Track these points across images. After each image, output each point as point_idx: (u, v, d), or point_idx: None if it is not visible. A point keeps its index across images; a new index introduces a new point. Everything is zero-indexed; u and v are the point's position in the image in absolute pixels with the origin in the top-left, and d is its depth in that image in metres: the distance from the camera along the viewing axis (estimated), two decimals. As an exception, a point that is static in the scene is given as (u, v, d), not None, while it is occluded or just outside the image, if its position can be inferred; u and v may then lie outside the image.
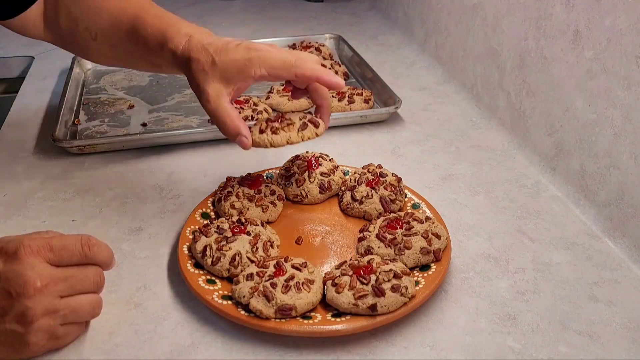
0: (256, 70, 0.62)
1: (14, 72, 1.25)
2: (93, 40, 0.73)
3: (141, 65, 0.74)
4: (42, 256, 0.51)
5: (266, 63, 0.62)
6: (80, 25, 0.73)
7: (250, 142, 0.64)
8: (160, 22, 0.68)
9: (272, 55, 0.63)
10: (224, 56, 0.63)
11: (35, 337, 0.51)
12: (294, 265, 0.60)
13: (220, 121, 0.64)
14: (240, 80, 0.63)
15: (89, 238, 0.54)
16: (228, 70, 0.63)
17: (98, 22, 0.72)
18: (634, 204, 0.68)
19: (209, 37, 0.65)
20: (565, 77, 0.79)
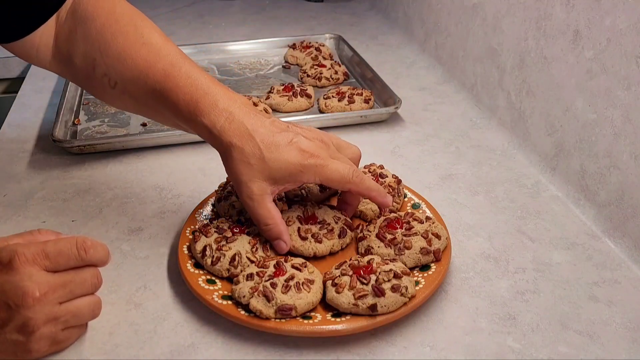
0: (310, 178, 0.60)
1: (14, 72, 1.25)
2: (111, 88, 0.66)
3: (169, 125, 0.69)
4: (38, 264, 0.50)
5: (323, 174, 0.60)
6: (97, 71, 0.65)
7: (288, 248, 0.62)
8: (194, 87, 0.61)
9: (330, 167, 0.60)
10: (275, 154, 0.58)
11: (37, 344, 0.51)
12: (294, 265, 0.60)
13: (262, 222, 0.61)
14: (287, 182, 0.60)
15: (84, 240, 0.53)
16: (278, 171, 0.59)
17: (120, 70, 0.64)
18: (634, 204, 0.68)
19: (251, 118, 0.60)
20: (565, 77, 0.79)
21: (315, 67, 1.10)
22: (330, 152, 0.62)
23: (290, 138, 0.60)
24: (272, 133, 0.59)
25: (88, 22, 0.65)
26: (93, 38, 0.65)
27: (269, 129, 0.60)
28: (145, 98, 0.64)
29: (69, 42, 0.66)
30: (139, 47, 0.64)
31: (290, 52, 1.18)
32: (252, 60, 1.19)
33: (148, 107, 0.66)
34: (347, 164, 0.63)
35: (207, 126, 0.60)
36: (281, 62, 1.19)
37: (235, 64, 1.17)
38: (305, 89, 1.00)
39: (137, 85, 0.64)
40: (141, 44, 0.64)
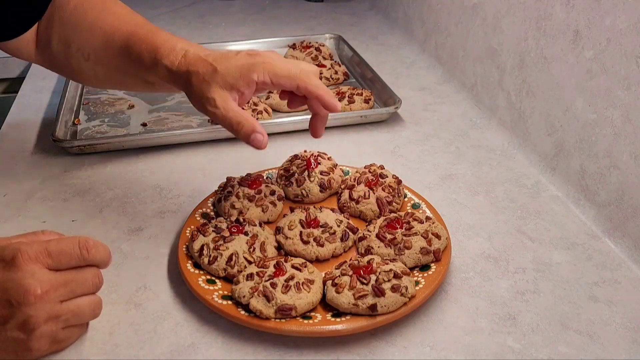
0: (259, 75, 0.61)
1: (14, 72, 1.25)
2: (86, 60, 0.71)
3: (135, 84, 0.73)
4: (40, 262, 0.51)
5: (270, 70, 0.61)
6: (72, 47, 0.71)
7: (266, 139, 0.62)
8: (154, 38, 0.66)
9: (277, 64, 0.62)
10: (226, 63, 0.62)
11: (38, 343, 0.51)
12: (294, 265, 0.60)
13: (234, 123, 0.61)
14: (242, 85, 0.61)
15: (86, 240, 0.53)
16: (230, 75, 0.61)
17: (91, 41, 0.70)
18: (634, 204, 0.68)
19: (205, 50, 0.64)
20: (565, 77, 0.79)
21: None
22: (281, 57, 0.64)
23: (239, 51, 0.63)
24: (225, 53, 0.63)
25: (63, 6, 0.72)
26: (67, 19, 0.72)
27: (221, 52, 0.64)
28: (115, 61, 0.70)
29: (47, 28, 0.73)
30: (105, 15, 0.71)
31: (290, 52, 1.18)
32: (252, 60, 1.19)
33: (117, 71, 0.71)
34: None
35: (167, 66, 0.64)
36: (281, 62, 1.19)
37: (235, 64, 1.17)
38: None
39: (106, 51, 0.70)
40: (108, 13, 0.71)
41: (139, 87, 0.74)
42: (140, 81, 0.70)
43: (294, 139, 0.90)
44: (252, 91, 0.63)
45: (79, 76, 0.76)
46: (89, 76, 0.74)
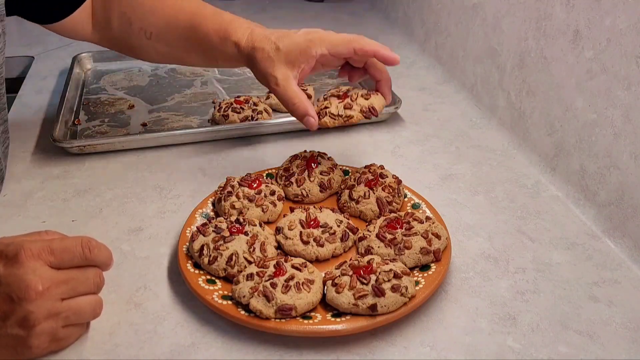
0: (317, 49, 0.68)
1: (14, 72, 1.25)
2: (147, 39, 0.77)
3: (197, 60, 0.79)
4: (42, 259, 0.51)
5: (326, 41, 0.68)
6: (134, 26, 0.77)
7: (317, 122, 0.70)
8: (221, 18, 0.73)
9: (332, 35, 0.69)
10: (287, 41, 0.68)
11: (38, 340, 0.51)
12: (294, 265, 0.60)
13: (290, 102, 0.69)
14: (303, 62, 0.68)
15: (89, 240, 0.54)
16: (291, 52, 0.68)
17: (153, 22, 0.76)
18: (634, 204, 0.68)
19: (267, 29, 0.71)
20: (565, 77, 0.79)
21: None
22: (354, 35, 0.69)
23: (299, 29, 0.70)
24: (285, 31, 0.70)
25: None
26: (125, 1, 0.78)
27: (283, 30, 0.71)
28: (178, 40, 0.76)
29: (104, 9, 0.79)
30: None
31: None
32: (252, 60, 1.19)
33: (181, 48, 0.77)
34: None
35: (236, 42, 0.71)
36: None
37: (235, 64, 1.17)
38: (305, 89, 1.00)
39: (170, 30, 0.76)
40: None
41: (201, 63, 0.79)
42: (207, 57, 0.77)
43: (294, 139, 0.91)
44: (312, 66, 0.70)
45: (139, 53, 0.82)
46: (149, 53, 0.81)
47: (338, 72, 0.75)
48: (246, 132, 0.91)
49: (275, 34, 0.70)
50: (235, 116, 0.92)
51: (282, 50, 0.68)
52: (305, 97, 0.69)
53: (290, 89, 0.69)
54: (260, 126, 0.90)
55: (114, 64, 1.16)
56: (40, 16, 0.78)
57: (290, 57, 0.68)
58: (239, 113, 0.92)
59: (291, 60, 0.68)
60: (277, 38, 0.69)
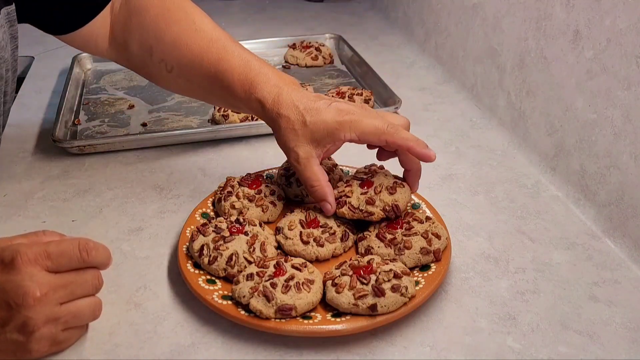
0: (347, 134, 0.63)
1: (14, 72, 1.25)
2: (168, 72, 0.72)
3: (220, 104, 0.76)
4: (39, 264, 0.50)
5: (358, 129, 0.62)
6: (155, 57, 0.71)
7: (334, 210, 0.66)
8: (248, 68, 0.67)
9: (365, 121, 0.63)
10: (315, 117, 0.63)
11: (38, 345, 0.51)
12: (294, 265, 0.60)
13: (309, 184, 0.65)
14: (329, 143, 0.64)
15: (86, 242, 0.53)
16: (318, 131, 0.63)
17: (176, 56, 0.70)
18: (634, 204, 0.68)
19: (298, 92, 0.65)
20: (565, 77, 0.79)
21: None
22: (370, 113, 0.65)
23: (329, 102, 0.64)
24: (314, 101, 0.64)
25: (143, 13, 0.72)
26: (148, 27, 0.71)
27: (312, 99, 0.65)
28: (200, 80, 0.70)
29: (125, 31, 0.73)
30: (191, 33, 0.70)
31: (290, 52, 1.18)
32: (252, 60, 1.19)
33: (202, 89, 0.72)
34: None
35: (261, 100, 0.66)
36: (281, 62, 1.19)
37: (235, 64, 1.17)
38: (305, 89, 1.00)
39: (193, 69, 0.70)
40: (193, 30, 0.70)
41: (223, 105, 0.76)
42: (228, 105, 0.73)
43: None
44: (338, 147, 0.65)
45: (159, 82, 0.76)
46: (169, 84, 0.75)
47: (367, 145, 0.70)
48: (246, 132, 0.91)
49: (304, 103, 0.64)
50: (235, 116, 0.92)
51: (309, 126, 0.63)
52: (325, 179, 0.65)
53: (310, 170, 0.64)
54: (260, 126, 0.90)
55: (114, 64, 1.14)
56: (52, 26, 0.74)
57: (315, 136, 0.63)
58: (238, 113, 0.92)
59: (316, 139, 0.63)
60: (305, 109, 0.63)
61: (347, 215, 0.66)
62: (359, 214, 0.66)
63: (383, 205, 0.65)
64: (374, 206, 0.65)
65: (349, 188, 0.67)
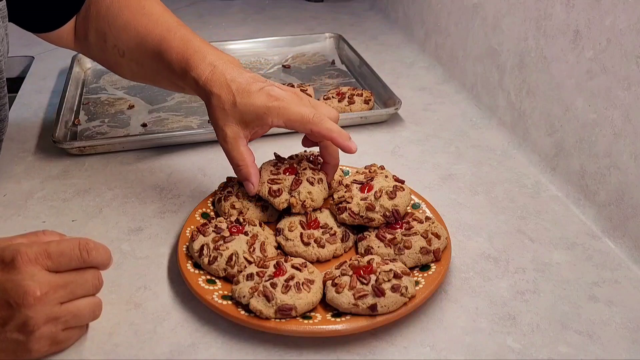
0: (274, 120, 0.64)
1: (14, 72, 1.25)
2: (121, 57, 0.74)
3: (167, 85, 0.75)
4: (40, 264, 0.50)
5: (284, 115, 0.63)
6: (108, 42, 0.74)
7: (255, 190, 0.67)
8: (186, 47, 0.68)
9: (292, 109, 0.63)
10: (245, 99, 0.64)
11: (38, 344, 0.51)
12: (294, 265, 0.60)
13: (234, 163, 0.67)
14: (257, 126, 0.65)
15: (87, 242, 0.53)
16: (247, 114, 0.64)
17: (125, 39, 0.73)
18: (634, 204, 0.68)
19: (232, 71, 0.66)
20: (565, 77, 0.79)
21: None
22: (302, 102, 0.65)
23: (262, 86, 0.64)
24: (248, 83, 0.65)
25: (99, 2, 0.74)
26: (103, 14, 0.74)
27: (247, 80, 0.65)
28: (148, 62, 0.72)
29: (85, 21, 0.76)
30: (139, 17, 0.72)
31: None
32: (252, 59, 1.20)
33: (151, 71, 0.73)
34: None
35: (195, 78, 0.66)
36: (281, 61, 1.19)
37: (235, 64, 1.17)
38: (305, 89, 1.00)
39: (140, 51, 0.72)
40: (142, 14, 0.72)
41: (172, 88, 0.75)
42: (173, 85, 0.73)
43: (293, 139, 0.90)
44: (265, 131, 0.67)
45: (116, 69, 0.79)
46: (125, 71, 0.77)
47: None
48: (246, 132, 0.91)
49: (237, 83, 0.64)
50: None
51: (239, 107, 0.64)
52: (251, 160, 0.66)
53: (236, 150, 0.66)
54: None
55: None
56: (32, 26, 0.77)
57: (244, 118, 0.64)
58: None
59: (245, 121, 0.64)
60: (237, 89, 0.64)
61: (348, 221, 0.66)
62: (360, 220, 0.66)
63: (383, 211, 0.65)
64: (374, 212, 0.65)
65: (349, 193, 0.67)
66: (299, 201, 0.66)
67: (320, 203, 0.68)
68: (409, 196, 0.68)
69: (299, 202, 0.66)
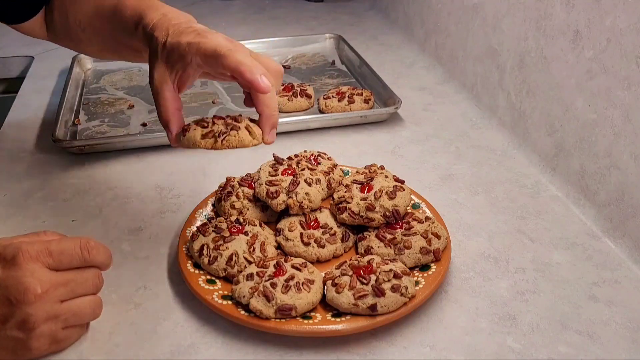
0: (193, 58, 0.56)
1: (14, 72, 1.25)
2: (82, 31, 0.72)
3: (127, 53, 0.70)
4: (41, 261, 0.51)
5: (200, 50, 0.55)
6: (70, 18, 0.72)
7: (173, 138, 0.59)
8: (140, 2, 0.64)
9: (210, 42, 0.55)
10: (175, 37, 0.57)
11: (37, 342, 0.51)
12: (294, 265, 0.60)
13: (157, 108, 0.59)
14: (180, 68, 0.57)
15: (88, 241, 0.53)
16: (173, 53, 0.57)
17: (85, 10, 0.70)
18: (634, 204, 0.68)
19: (181, 17, 0.60)
20: (565, 77, 0.79)
21: None
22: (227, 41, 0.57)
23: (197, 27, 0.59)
24: (187, 27, 0.58)
25: None
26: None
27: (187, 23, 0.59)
28: (106, 28, 0.68)
29: (50, 4, 0.74)
30: None
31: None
32: (252, 60, 1.19)
33: (110, 38, 0.69)
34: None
35: (144, 26, 0.61)
36: (281, 61, 1.19)
37: (235, 64, 1.17)
38: (305, 89, 1.00)
39: (97, 18, 0.69)
40: None
41: (131, 56, 0.71)
42: (131, 50, 0.68)
43: (293, 139, 0.91)
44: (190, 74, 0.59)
45: (81, 47, 0.77)
46: (88, 46, 0.75)
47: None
48: (246, 132, 0.91)
49: (176, 26, 0.58)
50: (235, 116, 0.92)
51: (167, 47, 0.57)
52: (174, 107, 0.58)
53: (162, 95, 0.58)
54: (260, 126, 0.90)
55: (113, 63, 1.15)
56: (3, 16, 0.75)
57: (170, 58, 0.57)
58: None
59: (170, 61, 0.57)
60: (173, 31, 0.58)
61: (348, 221, 0.66)
62: (360, 220, 0.66)
63: (383, 211, 0.65)
64: (374, 212, 0.65)
65: (349, 193, 0.67)
66: (296, 202, 0.66)
67: (318, 204, 0.68)
68: (409, 196, 0.68)
69: (297, 204, 0.66)
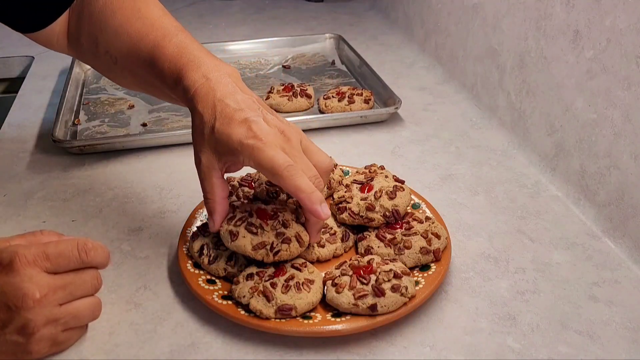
0: (246, 160, 0.56)
1: (14, 72, 1.25)
2: (114, 64, 0.67)
3: (162, 97, 0.68)
4: (38, 266, 0.50)
5: (255, 158, 0.55)
6: (100, 48, 0.67)
7: (216, 228, 0.61)
8: (180, 54, 0.60)
9: (265, 152, 0.55)
10: (224, 127, 0.56)
11: (38, 346, 0.51)
12: (294, 265, 0.60)
13: (204, 194, 0.60)
14: (230, 162, 0.58)
15: (85, 243, 0.53)
16: (223, 145, 0.56)
17: (118, 45, 0.65)
18: (634, 204, 0.68)
19: (226, 88, 0.58)
20: (565, 77, 0.79)
21: None
22: (285, 145, 0.57)
23: (248, 116, 0.57)
24: (235, 109, 0.57)
25: (93, 2, 0.66)
26: (95, 17, 0.66)
27: (237, 103, 0.57)
28: (141, 71, 0.64)
29: (77, 23, 0.68)
30: (133, 21, 0.64)
31: None
32: (252, 60, 1.20)
33: (145, 81, 0.66)
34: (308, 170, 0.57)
35: (185, 89, 0.59)
36: (281, 61, 1.19)
37: (235, 64, 1.17)
38: (305, 89, 1.00)
39: (132, 59, 0.64)
40: (136, 18, 0.64)
41: (167, 100, 0.69)
42: (166, 96, 0.67)
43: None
44: (238, 169, 0.60)
45: (111, 77, 0.72)
46: (119, 78, 0.71)
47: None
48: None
49: (224, 105, 0.57)
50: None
51: (216, 134, 0.56)
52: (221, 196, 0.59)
53: (209, 182, 0.59)
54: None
55: (114, 64, 1.15)
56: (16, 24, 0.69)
57: (219, 149, 0.57)
58: None
59: (220, 152, 0.57)
60: (220, 113, 0.56)
61: (348, 221, 0.66)
62: (360, 220, 0.66)
63: (383, 211, 0.65)
64: (374, 212, 0.65)
65: (349, 193, 0.67)
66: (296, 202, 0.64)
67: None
68: (409, 196, 0.68)
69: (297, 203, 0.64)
